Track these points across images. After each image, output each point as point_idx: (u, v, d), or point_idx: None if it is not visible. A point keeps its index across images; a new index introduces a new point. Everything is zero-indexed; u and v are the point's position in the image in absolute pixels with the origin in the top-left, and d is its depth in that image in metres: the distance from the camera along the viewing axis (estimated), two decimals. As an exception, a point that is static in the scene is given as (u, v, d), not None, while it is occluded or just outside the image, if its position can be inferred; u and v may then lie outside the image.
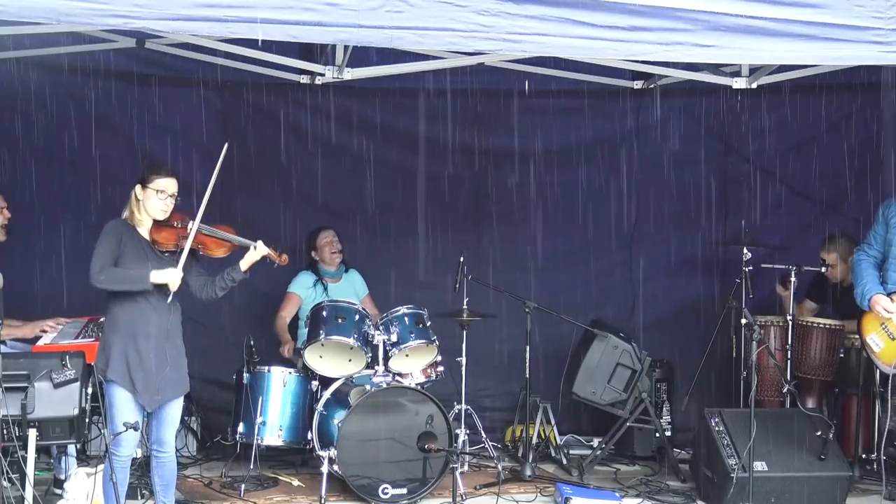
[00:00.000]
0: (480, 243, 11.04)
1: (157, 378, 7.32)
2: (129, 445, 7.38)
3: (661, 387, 10.54)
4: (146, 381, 7.29)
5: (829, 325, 10.08)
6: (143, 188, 7.35)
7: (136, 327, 7.30)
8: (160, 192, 7.34)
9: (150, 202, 7.35)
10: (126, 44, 9.51)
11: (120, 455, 7.31)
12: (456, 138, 11.03)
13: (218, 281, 7.59)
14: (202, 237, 7.46)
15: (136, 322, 7.30)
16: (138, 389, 7.27)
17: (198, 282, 7.60)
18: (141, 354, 7.28)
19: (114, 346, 7.29)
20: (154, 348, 7.33)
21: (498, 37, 5.97)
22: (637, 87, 10.82)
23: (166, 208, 7.39)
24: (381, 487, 8.79)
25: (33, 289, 9.15)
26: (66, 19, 5.57)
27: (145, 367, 7.29)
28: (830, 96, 10.59)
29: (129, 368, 7.26)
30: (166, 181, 7.37)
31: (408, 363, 9.49)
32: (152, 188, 7.33)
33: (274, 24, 5.73)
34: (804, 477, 8.79)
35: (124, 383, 7.25)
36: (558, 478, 9.79)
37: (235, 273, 7.56)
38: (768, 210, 11.18)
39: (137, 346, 7.28)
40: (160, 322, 7.37)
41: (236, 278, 7.57)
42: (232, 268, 7.58)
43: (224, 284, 7.59)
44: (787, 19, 6.22)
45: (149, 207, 7.36)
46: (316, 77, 9.45)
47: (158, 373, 7.32)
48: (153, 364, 7.31)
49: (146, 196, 7.35)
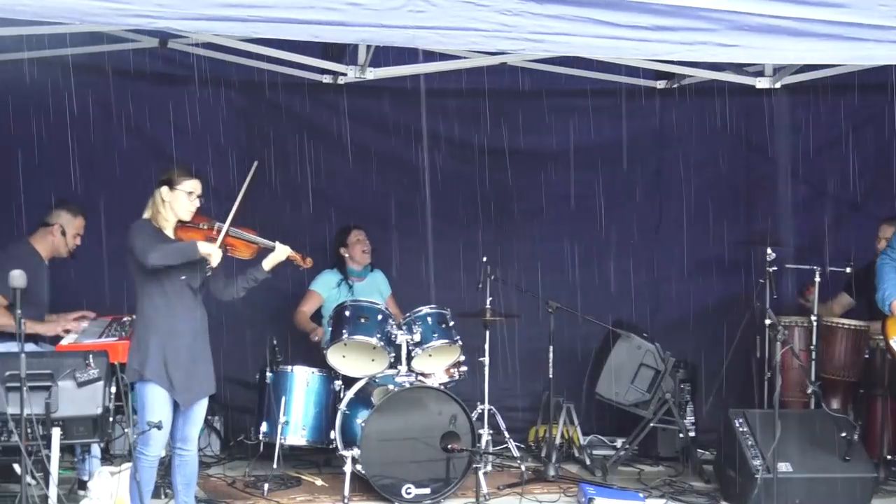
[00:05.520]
0: (503, 243, 11.00)
1: (192, 376, 7.41)
2: (158, 445, 7.41)
3: (684, 387, 10.51)
4: (182, 379, 7.36)
5: (854, 325, 10.04)
6: (170, 189, 7.40)
7: (170, 326, 7.36)
8: (190, 193, 7.43)
9: (178, 203, 7.42)
10: (149, 44, 9.54)
11: (148, 455, 7.36)
12: (479, 138, 11.02)
13: (240, 281, 7.70)
14: (230, 239, 7.53)
15: (170, 321, 7.37)
16: (175, 387, 7.34)
17: (218, 283, 7.68)
18: (177, 352, 7.35)
19: (151, 345, 7.33)
20: (187, 347, 7.41)
21: (520, 36, 5.95)
22: (660, 86, 10.78)
23: (193, 209, 7.48)
24: (404, 487, 8.80)
25: (57, 288, 9.15)
26: (89, 19, 5.56)
27: (181, 365, 7.36)
28: (854, 96, 10.53)
29: (167, 367, 7.32)
30: (195, 183, 7.47)
31: (431, 363, 9.50)
32: (182, 190, 7.41)
33: (296, 24, 5.72)
34: (829, 478, 8.77)
35: (161, 382, 7.30)
36: (582, 478, 9.77)
37: (258, 273, 7.68)
38: (792, 210, 11.12)
39: (173, 344, 7.35)
40: (191, 321, 7.46)
41: (259, 278, 7.69)
42: (255, 268, 7.70)
43: (246, 284, 7.71)
44: (810, 19, 6.18)
45: (177, 208, 7.43)
46: (338, 77, 9.44)
47: (192, 371, 7.41)
48: (188, 362, 7.40)
49: (174, 197, 7.41)
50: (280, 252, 7.68)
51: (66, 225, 8.92)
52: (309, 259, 7.94)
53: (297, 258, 7.79)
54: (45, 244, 8.85)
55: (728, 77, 9.54)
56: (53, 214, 8.94)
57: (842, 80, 9.86)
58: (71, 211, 8.98)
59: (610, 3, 5.99)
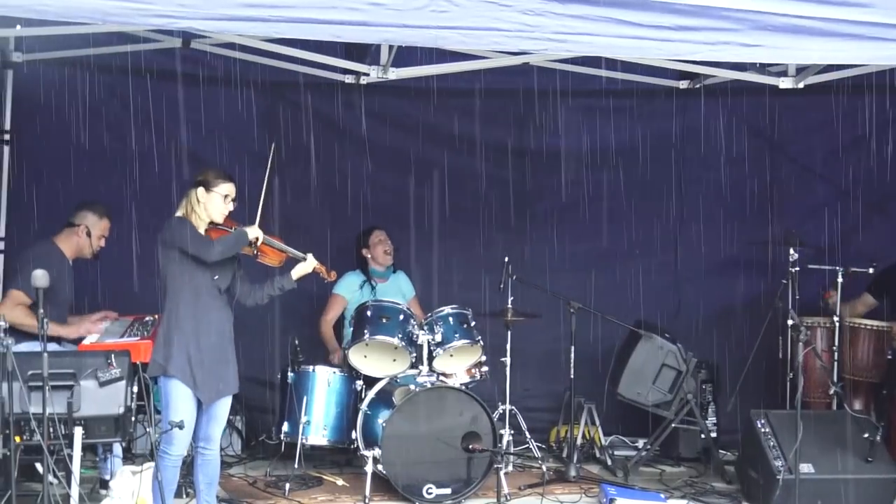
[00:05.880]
0: (524, 243, 11.02)
1: (216, 374, 7.45)
2: (182, 444, 7.45)
3: (706, 388, 10.51)
4: (205, 376, 7.39)
5: (876, 326, 10.01)
6: (206, 191, 7.45)
7: (196, 324, 7.40)
8: (226, 196, 7.50)
9: (212, 205, 7.48)
10: (171, 44, 9.56)
11: (171, 454, 7.39)
12: (500, 138, 11.04)
13: (266, 288, 7.79)
14: (263, 246, 7.58)
15: (197, 319, 7.41)
16: (198, 384, 7.37)
17: (244, 288, 7.73)
18: (202, 351, 7.39)
19: (175, 341, 7.37)
20: (213, 345, 7.44)
21: (543, 36, 5.95)
22: (683, 86, 10.77)
23: (226, 212, 7.56)
24: (425, 487, 8.81)
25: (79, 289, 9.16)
26: (111, 19, 5.58)
27: (206, 363, 7.39)
28: (877, 96, 10.47)
29: (191, 364, 7.35)
30: (230, 186, 7.55)
31: (452, 363, 9.50)
32: (217, 192, 7.48)
33: (318, 24, 5.73)
34: (851, 479, 8.74)
35: (184, 378, 7.33)
36: (603, 479, 9.78)
37: (286, 282, 7.78)
38: (814, 210, 11.10)
39: (199, 342, 7.39)
40: (218, 321, 7.51)
41: (286, 287, 7.80)
42: (282, 276, 7.80)
43: (273, 292, 7.81)
44: (834, 19, 6.17)
45: (211, 210, 7.49)
46: (361, 77, 9.45)
47: (216, 369, 7.45)
48: (213, 361, 7.43)
49: (209, 199, 7.47)
50: (310, 264, 7.80)
51: (92, 226, 8.93)
52: (333, 272, 8.07)
53: (322, 271, 7.91)
54: (69, 244, 8.87)
55: (751, 77, 9.50)
56: (79, 215, 8.95)
57: (865, 81, 9.83)
58: (97, 212, 8.99)
59: (632, 3, 5.98)
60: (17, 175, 9.76)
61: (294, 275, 7.77)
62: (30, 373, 6.77)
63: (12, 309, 8.20)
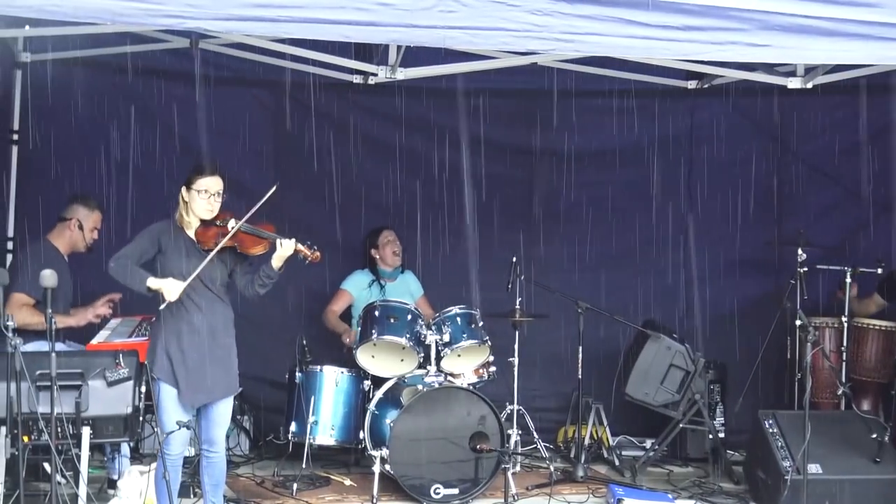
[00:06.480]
0: (532, 243, 11.00)
1: (200, 376, 7.34)
2: (178, 444, 7.40)
3: (714, 388, 10.50)
4: (189, 379, 7.31)
5: (885, 326, 10.01)
6: (188, 190, 7.41)
7: (180, 325, 7.34)
8: (203, 192, 7.38)
9: (194, 203, 7.40)
10: (180, 44, 9.57)
11: (170, 454, 7.35)
12: (508, 138, 11.05)
13: (255, 279, 7.56)
14: (240, 234, 7.41)
15: (181, 320, 7.34)
16: (181, 387, 7.30)
17: (243, 280, 7.61)
18: (184, 352, 7.31)
19: (158, 343, 7.35)
20: (198, 346, 7.34)
21: (551, 36, 5.95)
22: (691, 86, 10.76)
23: (211, 207, 7.43)
24: (432, 487, 8.80)
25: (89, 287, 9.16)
26: (120, 19, 5.59)
27: (188, 364, 7.31)
28: (886, 96, 10.46)
29: (173, 365, 7.29)
30: (209, 181, 7.40)
31: (460, 363, 9.49)
32: (195, 189, 7.39)
33: (326, 24, 5.74)
34: (859, 480, 8.74)
35: (168, 380, 7.30)
36: (611, 479, 9.77)
37: (269, 270, 7.50)
38: (823, 211, 11.11)
39: (181, 343, 7.32)
40: (207, 321, 7.39)
41: (271, 275, 7.51)
42: (266, 265, 7.53)
43: (262, 282, 7.55)
44: (842, 18, 6.17)
45: (195, 208, 7.41)
46: (369, 77, 9.45)
47: (201, 371, 7.33)
48: (196, 362, 7.32)
49: (191, 197, 7.40)
50: (286, 247, 7.44)
51: (83, 219, 8.88)
52: (317, 252, 7.57)
53: (304, 251, 7.48)
54: (63, 239, 8.83)
55: (759, 77, 9.50)
56: (70, 209, 8.90)
57: (874, 80, 9.83)
58: (87, 205, 8.95)
59: (640, 3, 5.99)
60: (26, 175, 9.77)
61: (274, 262, 7.46)
62: (38, 372, 6.79)
63: (17, 311, 8.18)
